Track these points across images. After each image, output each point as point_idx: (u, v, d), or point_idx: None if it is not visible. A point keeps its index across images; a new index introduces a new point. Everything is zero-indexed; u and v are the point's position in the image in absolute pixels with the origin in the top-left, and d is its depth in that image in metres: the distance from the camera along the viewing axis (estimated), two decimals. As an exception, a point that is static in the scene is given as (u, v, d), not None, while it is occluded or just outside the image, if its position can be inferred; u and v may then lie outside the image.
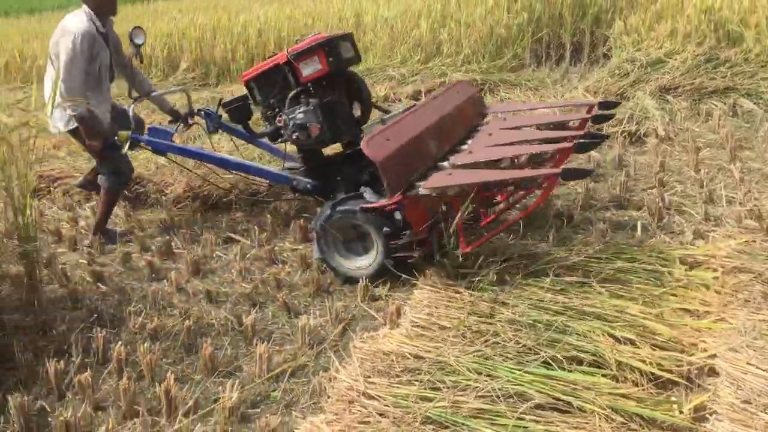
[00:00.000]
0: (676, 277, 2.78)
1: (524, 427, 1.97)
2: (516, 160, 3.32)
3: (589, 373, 2.23)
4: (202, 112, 4.22)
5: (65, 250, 3.96)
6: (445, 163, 3.11)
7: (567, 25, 8.96)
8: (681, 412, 2.03)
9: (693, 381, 2.22)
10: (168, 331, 2.85)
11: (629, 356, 2.28)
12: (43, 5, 27.46)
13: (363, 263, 3.16)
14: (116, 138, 3.77)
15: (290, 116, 3.50)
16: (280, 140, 3.69)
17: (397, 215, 2.94)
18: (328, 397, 2.24)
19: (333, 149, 3.90)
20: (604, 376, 2.22)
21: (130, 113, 3.93)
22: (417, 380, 2.23)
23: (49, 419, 2.33)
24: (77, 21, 3.71)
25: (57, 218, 4.49)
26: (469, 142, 3.45)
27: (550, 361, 2.26)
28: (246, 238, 3.86)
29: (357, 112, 3.83)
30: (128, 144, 3.79)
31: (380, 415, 2.08)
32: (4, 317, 2.86)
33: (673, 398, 2.13)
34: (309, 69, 3.47)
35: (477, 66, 7.75)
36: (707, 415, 2.03)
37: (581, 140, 3.11)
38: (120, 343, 2.70)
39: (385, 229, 2.98)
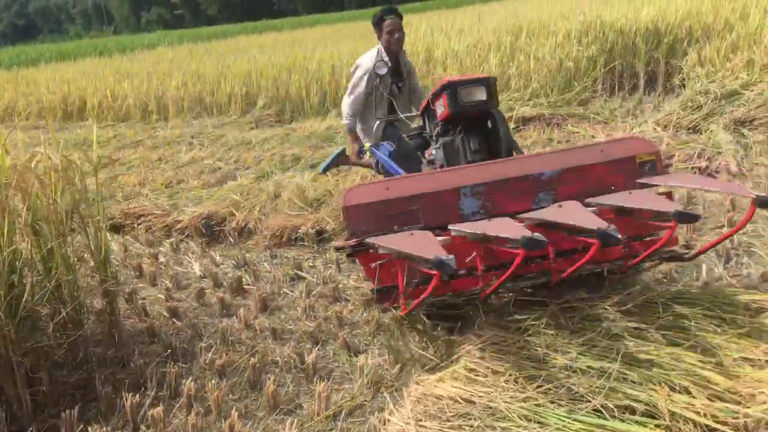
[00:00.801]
0: (739, 324, 2.72)
1: (570, 477, 1.99)
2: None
3: (642, 423, 2.22)
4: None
5: (145, 285, 4.23)
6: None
7: (641, 55, 8.85)
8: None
9: (749, 435, 2.17)
10: (235, 367, 3.01)
11: (683, 406, 2.25)
12: (134, 44, 29.24)
13: None
14: (362, 148, 4.80)
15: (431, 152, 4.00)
16: None
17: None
18: (381, 439, 2.33)
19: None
20: (657, 426, 2.21)
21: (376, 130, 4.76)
22: (468, 425, 2.28)
23: (125, 450, 2.51)
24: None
25: (139, 254, 4.80)
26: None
27: (602, 409, 2.27)
28: (312, 276, 4.02)
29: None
30: (367, 153, 4.76)
31: (430, 458, 2.14)
32: (88, 351, 3.09)
33: (727, 452, 2.09)
34: (439, 110, 3.78)
35: (545, 99, 7.76)
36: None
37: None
38: (191, 378, 2.88)
39: None
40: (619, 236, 2.37)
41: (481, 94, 3.59)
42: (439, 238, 2.78)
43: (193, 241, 5.00)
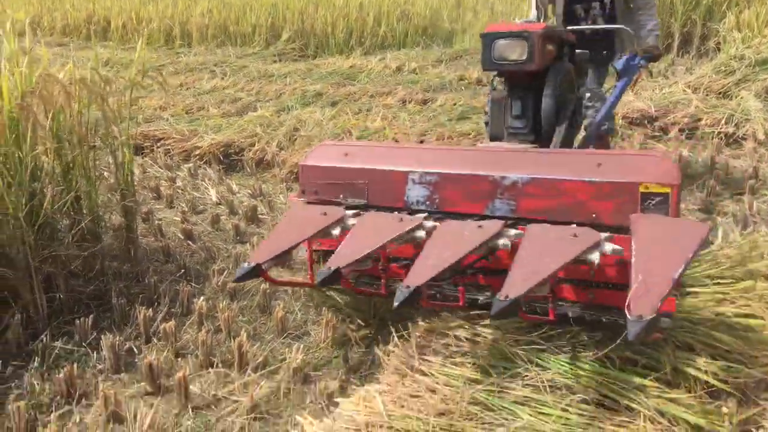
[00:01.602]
0: (745, 288, 2.72)
1: (567, 419, 2.04)
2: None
3: (642, 375, 2.25)
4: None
5: (162, 207, 4.28)
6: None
7: (678, 15, 8.60)
8: (731, 424, 2.03)
9: (748, 394, 2.20)
10: (246, 292, 3.06)
11: (685, 362, 2.28)
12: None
13: None
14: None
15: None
16: None
17: None
18: (384, 370, 2.38)
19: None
20: (657, 379, 2.24)
21: None
22: (470, 362, 2.32)
23: (136, 360, 2.59)
24: None
25: (157, 176, 4.84)
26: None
27: (605, 359, 2.30)
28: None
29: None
30: None
31: (431, 391, 2.19)
32: (105, 264, 3.16)
33: (724, 408, 2.12)
34: None
35: (575, 53, 7.59)
36: (753, 429, 2.02)
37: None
38: (202, 297, 2.95)
39: None
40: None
41: (519, 52, 2.93)
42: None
43: (211, 168, 5.03)
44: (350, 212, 2.68)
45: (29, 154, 2.79)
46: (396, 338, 2.53)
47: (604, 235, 2.27)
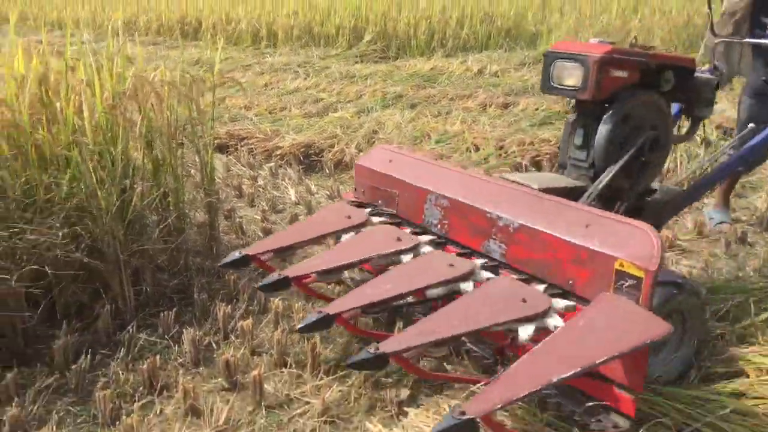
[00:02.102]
0: None
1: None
2: None
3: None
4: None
5: (243, 205, 4.40)
6: None
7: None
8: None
9: None
10: (322, 293, 3.10)
11: None
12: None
13: None
14: None
15: None
16: None
17: None
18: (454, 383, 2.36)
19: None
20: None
21: None
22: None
23: (214, 356, 2.67)
24: None
25: (240, 174, 4.98)
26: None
27: None
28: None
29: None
30: None
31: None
32: (189, 259, 3.27)
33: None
34: None
35: (667, 57, 7.30)
36: None
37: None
38: (279, 297, 3.00)
39: None
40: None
41: (575, 77, 2.57)
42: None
43: (291, 168, 5.13)
44: (377, 219, 2.68)
45: (121, 152, 2.92)
46: (466, 356, 2.50)
47: (558, 305, 2.04)
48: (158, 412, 2.33)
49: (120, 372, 2.50)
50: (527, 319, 2.00)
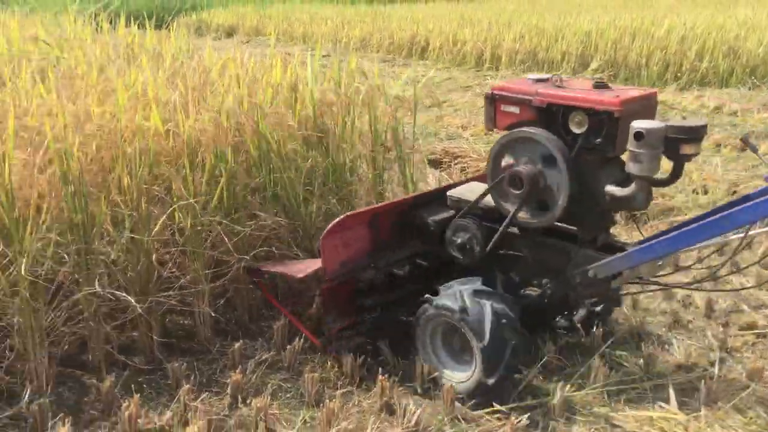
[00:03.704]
0: None
1: None
2: None
3: None
4: None
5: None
6: None
7: None
8: None
9: None
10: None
11: None
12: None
13: None
14: None
15: None
16: None
17: None
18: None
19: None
20: None
21: None
22: None
23: (415, 360, 2.77)
24: None
25: (451, 191, 5.12)
26: None
27: None
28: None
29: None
30: None
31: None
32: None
33: None
34: None
35: None
36: None
37: None
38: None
39: None
40: None
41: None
42: None
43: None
44: None
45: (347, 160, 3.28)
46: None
47: None
48: (356, 402, 2.49)
49: (328, 360, 2.71)
50: None
